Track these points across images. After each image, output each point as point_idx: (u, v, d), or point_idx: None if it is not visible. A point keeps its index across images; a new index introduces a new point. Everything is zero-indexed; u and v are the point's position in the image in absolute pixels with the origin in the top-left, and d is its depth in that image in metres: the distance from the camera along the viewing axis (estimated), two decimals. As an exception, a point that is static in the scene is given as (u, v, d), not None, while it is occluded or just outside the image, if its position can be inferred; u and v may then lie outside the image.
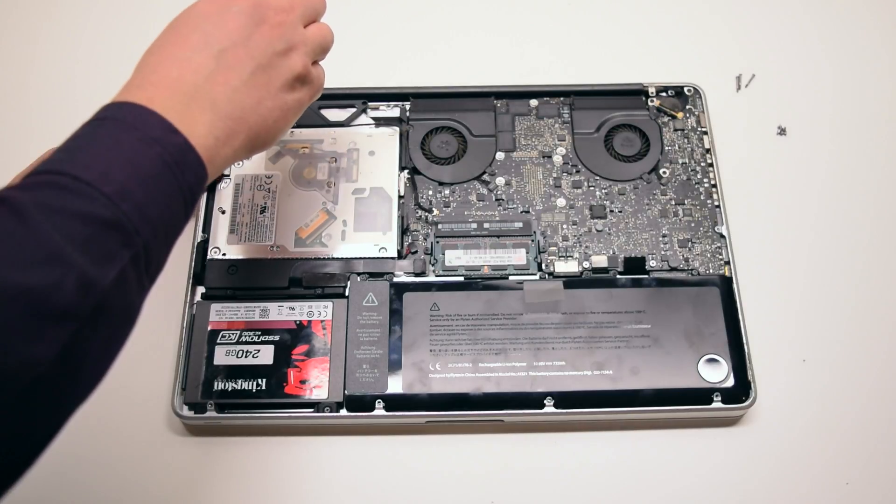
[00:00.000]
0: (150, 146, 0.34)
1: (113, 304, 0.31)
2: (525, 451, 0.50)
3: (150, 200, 0.33)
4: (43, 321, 0.28)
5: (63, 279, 0.29)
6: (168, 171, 0.34)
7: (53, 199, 0.31)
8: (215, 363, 0.50)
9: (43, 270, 0.29)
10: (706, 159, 0.57)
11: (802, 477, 0.50)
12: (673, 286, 0.52)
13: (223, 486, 0.50)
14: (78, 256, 0.30)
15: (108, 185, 0.32)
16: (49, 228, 0.30)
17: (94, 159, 0.32)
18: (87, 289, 0.30)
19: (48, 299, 0.28)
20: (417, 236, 0.55)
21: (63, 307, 0.29)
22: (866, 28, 0.66)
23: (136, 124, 0.34)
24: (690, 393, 0.49)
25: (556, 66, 0.65)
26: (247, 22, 0.39)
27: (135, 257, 0.32)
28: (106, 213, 0.31)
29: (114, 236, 0.31)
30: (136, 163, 0.33)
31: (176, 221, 0.35)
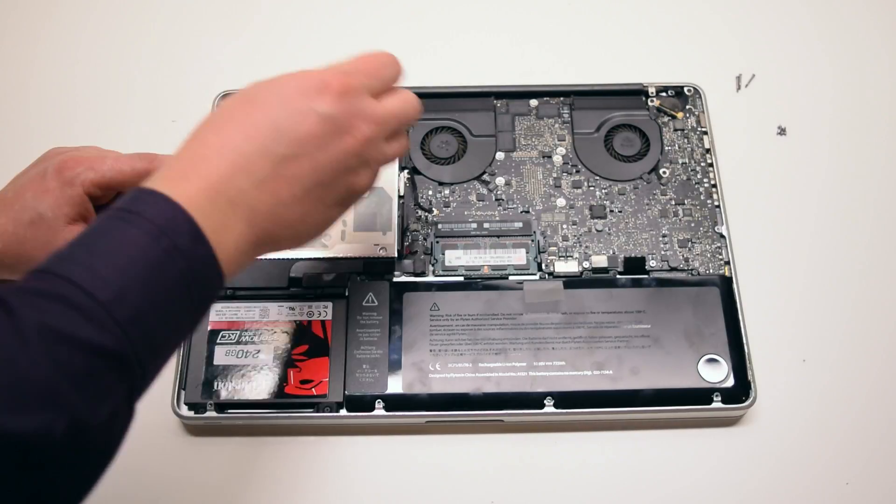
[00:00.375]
0: (175, 261, 0.31)
1: (97, 443, 0.29)
2: (525, 451, 0.50)
3: (160, 326, 0.31)
4: (24, 470, 0.27)
5: (54, 424, 0.27)
6: (186, 291, 0.31)
7: (60, 320, 0.28)
8: (215, 363, 0.50)
9: (35, 414, 0.27)
10: (706, 159, 0.57)
11: (802, 477, 0.50)
12: (673, 286, 0.52)
13: (223, 486, 0.50)
14: (73, 396, 0.28)
15: (122, 309, 0.29)
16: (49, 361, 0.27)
17: (115, 272, 0.30)
18: (76, 432, 0.28)
19: (35, 447, 0.27)
20: (417, 236, 0.55)
21: (49, 455, 0.27)
22: (866, 28, 0.66)
23: (166, 229, 0.31)
24: (690, 393, 0.49)
25: (556, 66, 0.65)
26: (328, 130, 0.35)
27: (130, 391, 0.30)
28: (112, 345, 0.29)
29: (115, 371, 0.29)
30: (156, 281, 0.30)
31: (179, 340, 0.34)
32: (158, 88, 0.64)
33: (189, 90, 0.63)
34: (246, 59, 0.65)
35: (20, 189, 0.42)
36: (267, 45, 0.66)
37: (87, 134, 0.53)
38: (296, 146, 0.35)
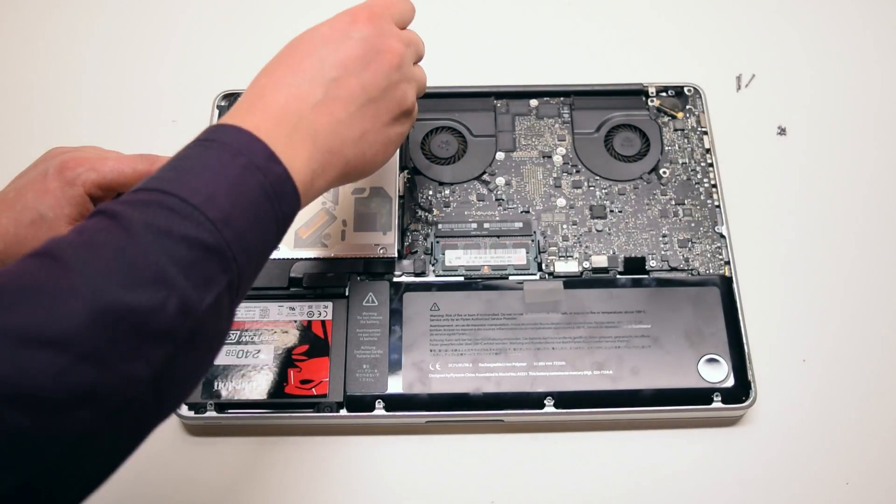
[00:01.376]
0: (254, 174, 0.34)
1: (207, 328, 0.32)
2: (525, 451, 0.50)
3: (249, 229, 0.33)
4: (144, 340, 0.29)
5: (166, 301, 0.29)
6: (267, 201, 0.34)
7: (161, 219, 0.31)
8: (215, 363, 0.50)
9: (149, 291, 0.29)
10: (706, 159, 0.57)
11: (802, 477, 0.50)
12: (673, 286, 0.52)
13: (223, 486, 0.50)
14: (181, 280, 0.30)
15: (213, 210, 0.32)
16: (156, 249, 0.30)
17: (202, 183, 0.33)
18: (186, 312, 0.30)
19: (151, 320, 0.29)
20: (417, 236, 0.55)
21: (164, 329, 0.29)
22: (866, 28, 0.66)
23: (242, 150, 0.34)
24: (690, 393, 0.49)
25: (556, 66, 0.65)
26: (366, 51, 0.39)
27: (230, 283, 0.33)
28: (210, 240, 0.32)
29: (215, 262, 0.32)
30: (239, 190, 0.33)
31: (267, 249, 0.36)
32: (159, 89, 0.64)
33: (189, 90, 0.63)
34: (246, 60, 0.64)
35: (21, 189, 0.42)
36: (267, 46, 0.65)
37: (87, 134, 0.53)
38: (341, 69, 0.39)
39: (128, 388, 0.28)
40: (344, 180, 0.41)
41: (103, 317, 0.28)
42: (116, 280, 0.29)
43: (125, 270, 0.29)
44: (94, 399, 0.27)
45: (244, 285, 0.34)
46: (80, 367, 0.27)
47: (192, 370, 0.32)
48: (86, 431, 0.27)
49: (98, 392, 0.27)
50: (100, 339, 0.27)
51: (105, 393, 0.27)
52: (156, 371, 0.29)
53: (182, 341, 0.30)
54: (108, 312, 0.28)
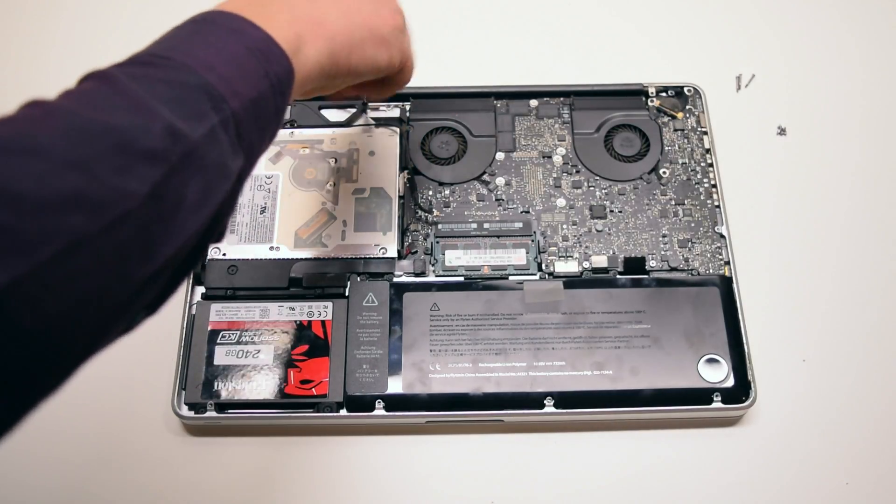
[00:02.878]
0: (230, 35, 0.34)
1: (204, 155, 0.31)
2: (525, 451, 0.50)
3: (235, 76, 0.33)
4: (131, 158, 0.28)
5: (150, 124, 0.29)
6: (252, 57, 0.34)
7: (140, 69, 0.31)
8: (215, 363, 0.50)
9: (130, 116, 0.29)
10: (706, 159, 0.57)
11: (802, 477, 0.50)
12: (673, 286, 0.52)
13: (223, 486, 0.50)
14: (164, 110, 0.30)
15: (191, 59, 0.32)
16: (136, 88, 0.30)
17: (176, 43, 0.33)
18: (174, 136, 0.30)
19: (136, 139, 0.29)
20: (417, 236, 0.55)
21: (151, 148, 0.29)
22: (866, 28, 0.66)
23: (216, 21, 0.34)
24: (690, 393, 0.49)
25: (556, 66, 0.65)
26: None
27: (224, 121, 0.32)
28: (190, 79, 0.31)
29: (201, 98, 0.31)
30: (219, 47, 0.33)
31: (265, 104, 0.35)
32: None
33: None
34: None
35: None
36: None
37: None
38: None
39: (122, 199, 0.28)
40: (337, 64, 0.39)
41: (81, 131, 0.28)
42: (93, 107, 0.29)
43: (102, 101, 0.29)
44: (83, 204, 0.26)
45: (247, 136, 0.34)
46: (64, 172, 0.26)
47: (200, 198, 0.31)
48: (81, 237, 0.26)
49: (88, 198, 0.27)
50: (81, 149, 0.27)
51: (96, 200, 0.27)
52: (153, 188, 0.29)
53: (177, 163, 0.30)
54: (86, 128, 0.28)
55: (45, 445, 0.50)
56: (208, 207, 0.32)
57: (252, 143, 0.35)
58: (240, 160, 0.34)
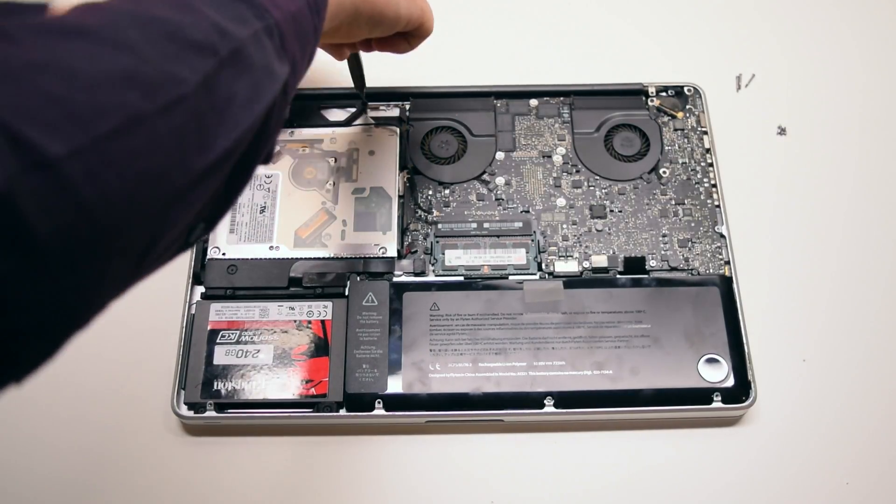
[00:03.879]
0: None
1: (251, 54, 0.31)
2: (525, 451, 0.50)
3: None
4: (181, 46, 0.29)
5: (197, 21, 0.30)
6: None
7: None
8: (215, 363, 0.50)
9: (177, 11, 0.29)
10: (706, 159, 0.57)
11: (802, 477, 0.50)
12: (673, 286, 0.52)
13: (223, 486, 0.50)
14: (210, 10, 0.30)
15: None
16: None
17: None
18: (222, 32, 0.30)
19: (184, 30, 0.29)
20: (417, 236, 0.54)
21: (200, 40, 0.29)
22: (866, 28, 0.66)
23: None
24: (690, 393, 0.49)
25: (556, 66, 0.65)
26: None
27: (268, 28, 0.32)
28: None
29: (243, 5, 0.32)
30: None
31: (304, 21, 0.35)
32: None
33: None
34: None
35: None
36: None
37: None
38: None
39: (174, 84, 0.28)
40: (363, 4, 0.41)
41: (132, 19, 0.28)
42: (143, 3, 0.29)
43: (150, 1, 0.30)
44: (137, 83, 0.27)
45: (290, 45, 0.34)
46: (115, 53, 0.26)
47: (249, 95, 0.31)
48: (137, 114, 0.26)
49: (141, 78, 0.27)
50: (130, 33, 0.27)
51: (149, 81, 0.27)
52: (205, 77, 0.29)
53: (226, 58, 0.30)
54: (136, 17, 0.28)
55: (45, 446, 0.50)
56: (260, 105, 0.32)
57: (294, 56, 0.35)
58: (286, 67, 0.34)
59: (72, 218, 0.24)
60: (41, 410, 0.51)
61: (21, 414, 0.51)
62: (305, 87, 0.49)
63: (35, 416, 0.51)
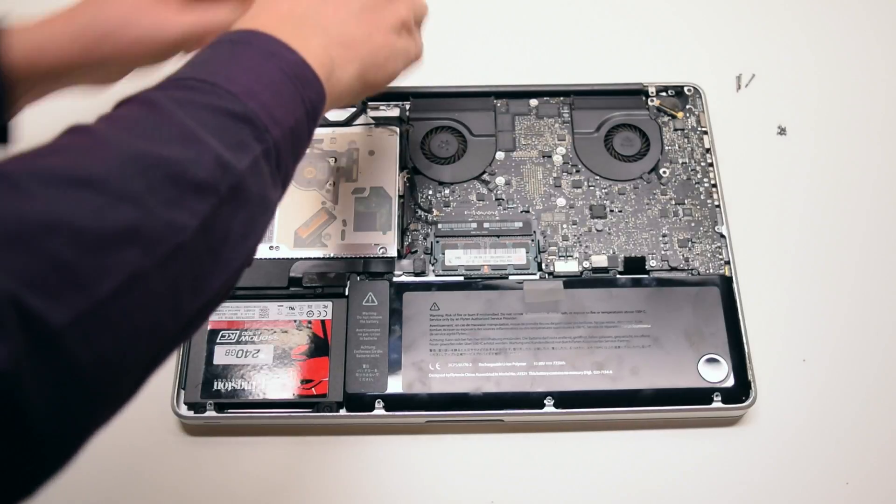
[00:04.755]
0: (269, 59, 0.34)
1: (249, 188, 0.31)
2: (525, 451, 0.50)
3: (275, 104, 0.33)
4: (183, 190, 0.28)
5: (199, 156, 0.29)
6: (289, 82, 0.34)
7: (183, 94, 0.31)
8: (215, 363, 0.50)
9: (180, 147, 0.29)
10: (706, 159, 0.57)
11: (802, 477, 0.50)
12: (673, 286, 0.52)
13: (222, 486, 0.50)
14: (212, 140, 0.30)
15: (233, 85, 0.32)
16: (182, 115, 0.30)
17: (216, 67, 0.33)
18: (223, 167, 0.30)
19: (187, 171, 0.29)
20: (417, 236, 0.54)
21: (201, 180, 0.29)
22: (866, 28, 0.66)
23: (252, 42, 0.35)
24: (690, 393, 0.49)
25: (556, 65, 0.65)
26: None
27: (266, 151, 0.32)
28: (236, 108, 0.32)
29: (244, 129, 0.32)
30: (257, 71, 0.33)
31: (301, 131, 0.35)
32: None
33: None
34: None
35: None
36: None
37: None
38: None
39: (173, 233, 0.28)
40: (364, 83, 0.41)
41: (135, 162, 0.28)
42: (144, 138, 0.29)
43: (152, 131, 0.29)
44: (138, 238, 0.27)
45: (284, 163, 0.34)
46: (119, 206, 0.26)
47: (245, 230, 0.32)
48: (137, 272, 0.26)
49: (141, 232, 0.27)
50: (135, 182, 0.27)
51: (149, 234, 0.27)
52: (203, 222, 0.29)
53: (225, 195, 0.30)
54: (139, 159, 0.28)
55: (45, 445, 0.50)
56: (252, 240, 0.32)
57: (287, 170, 0.35)
58: (279, 190, 0.34)
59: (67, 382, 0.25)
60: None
61: (21, 414, 0.51)
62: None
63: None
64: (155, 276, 0.27)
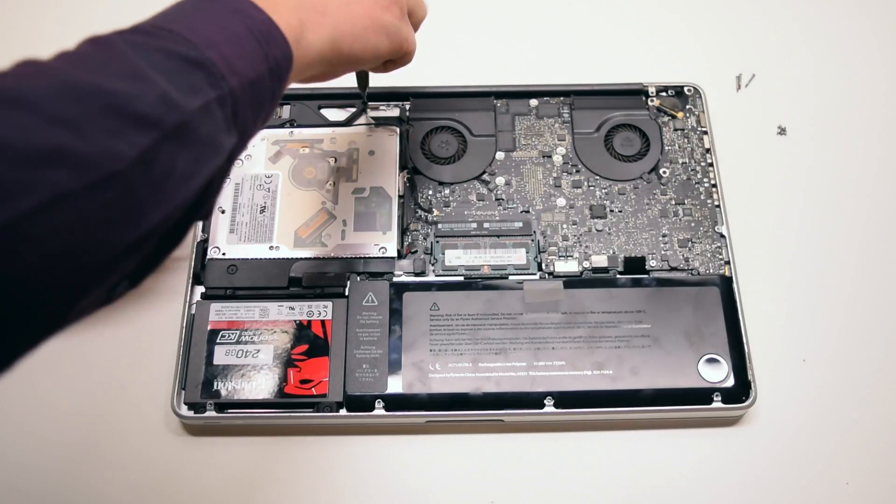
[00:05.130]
0: (233, 14, 0.34)
1: (197, 128, 0.31)
2: (525, 451, 0.50)
3: (235, 56, 0.33)
4: (122, 121, 0.28)
5: (144, 92, 0.29)
6: (253, 39, 0.34)
7: (140, 38, 0.31)
8: (215, 363, 0.50)
9: (124, 81, 0.29)
10: (706, 159, 0.57)
11: (802, 477, 0.50)
12: (673, 286, 0.52)
13: (223, 486, 0.50)
14: (160, 79, 0.30)
15: (193, 34, 0.32)
16: (133, 55, 0.30)
17: (179, 17, 0.33)
18: (169, 105, 0.30)
19: (128, 103, 0.29)
20: (417, 236, 0.54)
21: (143, 113, 0.29)
22: (866, 28, 0.66)
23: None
24: (690, 393, 0.49)
25: (556, 66, 0.65)
26: None
27: (221, 98, 0.32)
28: (191, 53, 0.31)
29: (198, 73, 0.32)
30: (221, 24, 0.33)
31: (262, 88, 0.35)
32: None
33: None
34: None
35: None
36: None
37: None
38: None
39: (108, 160, 0.27)
40: (339, 53, 0.40)
41: (72, 89, 0.28)
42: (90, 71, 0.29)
43: (98, 65, 0.29)
44: (68, 160, 0.26)
45: (242, 115, 0.34)
46: (50, 128, 0.26)
47: (190, 168, 0.31)
48: (62, 193, 0.26)
49: (72, 155, 0.27)
50: (70, 106, 0.27)
51: (81, 158, 0.27)
52: (142, 153, 0.28)
53: (169, 132, 0.30)
54: (79, 88, 0.28)
55: (44, 446, 0.50)
56: (197, 180, 0.32)
57: (246, 124, 0.35)
58: (233, 138, 0.34)
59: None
60: (42, 410, 0.51)
61: (22, 413, 0.51)
62: (305, 87, 0.49)
63: (36, 416, 0.51)
64: (83, 199, 0.27)
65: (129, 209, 0.29)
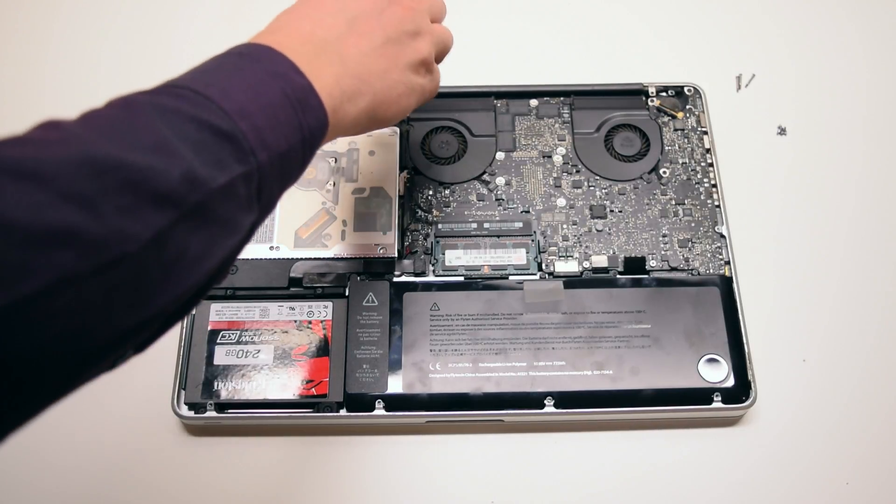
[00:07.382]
0: (274, 79, 0.33)
1: (217, 209, 0.30)
2: (525, 451, 0.50)
3: (268, 127, 0.32)
4: (141, 198, 0.27)
5: (168, 168, 0.28)
6: (289, 105, 0.33)
7: (170, 102, 0.30)
8: (215, 363, 0.50)
9: (149, 155, 0.28)
10: (706, 159, 0.57)
11: (802, 477, 0.50)
12: (673, 286, 0.52)
13: (223, 486, 0.50)
14: (187, 152, 0.29)
15: (227, 102, 0.31)
16: (161, 124, 0.29)
17: (215, 79, 0.32)
18: (192, 183, 0.28)
19: (149, 180, 0.27)
20: (417, 236, 0.55)
21: (164, 192, 0.28)
22: (866, 28, 0.66)
23: (262, 58, 0.34)
24: (690, 393, 0.49)
25: (556, 66, 0.65)
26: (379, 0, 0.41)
27: (247, 175, 0.31)
28: (222, 125, 0.30)
29: (227, 148, 0.30)
30: (257, 90, 0.32)
31: (293, 159, 0.34)
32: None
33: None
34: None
35: None
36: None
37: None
38: (359, 9, 0.40)
39: (120, 241, 0.26)
40: (372, 119, 0.40)
41: (91, 164, 0.26)
42: (114, 140, 0.27)
43: (125, 135, 0.28)
44: (77, 241, 0.25)
45: (267, 190, 0.33)
46: (64, 205, 0.25)
47: (204, 252, 0.30)
48: (68, 276, 0.25)
49: (83, 235, 0.25)
50: (86, 183, 0.26)
51: (91, 238, 0.25)
52: (157, 234, 0.27)
53: (188, 212, 0.28)
54: (97, 161, 0.26)
55: (44, 446, 0.50)
56: (210, 262, 0.31)
57: (271, 197, 0.34)
58: (253, 215, 0.33)
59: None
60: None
61: (21, 414, 0.51)
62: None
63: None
64: (90, 282, 0.26)
65: (137, 292, 0.28)
